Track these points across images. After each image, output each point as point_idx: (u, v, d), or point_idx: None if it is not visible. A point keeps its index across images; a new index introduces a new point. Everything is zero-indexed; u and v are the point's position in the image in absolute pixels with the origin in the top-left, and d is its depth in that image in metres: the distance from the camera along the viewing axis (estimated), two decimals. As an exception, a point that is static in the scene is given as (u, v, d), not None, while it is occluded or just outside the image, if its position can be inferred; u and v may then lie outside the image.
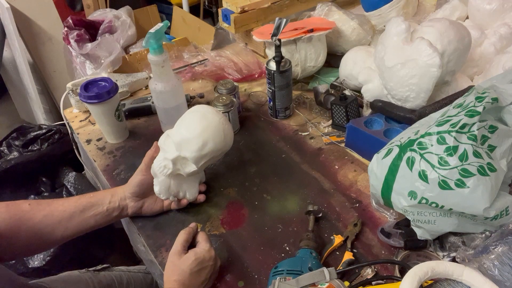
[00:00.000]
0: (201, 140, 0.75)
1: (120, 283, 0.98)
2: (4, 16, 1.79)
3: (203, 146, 0.76)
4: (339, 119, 0.98)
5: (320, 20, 1.13)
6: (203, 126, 0.76)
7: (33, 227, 0.70)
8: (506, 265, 0.53)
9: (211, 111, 0.79)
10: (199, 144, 0.75)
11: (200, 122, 0.77)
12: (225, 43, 1.38)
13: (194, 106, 0.82)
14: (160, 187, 0.77)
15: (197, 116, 0.78)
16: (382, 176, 0.68)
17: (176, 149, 0.76)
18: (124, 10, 1.84)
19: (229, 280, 0.70)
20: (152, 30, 0.86)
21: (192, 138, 0.75)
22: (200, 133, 0.76)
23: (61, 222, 0.72)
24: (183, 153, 0.75)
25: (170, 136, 0.78)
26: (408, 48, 0.82)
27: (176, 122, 0.80)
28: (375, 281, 0.65)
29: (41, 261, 1.28)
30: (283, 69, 0.95)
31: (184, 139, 0.76)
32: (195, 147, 0.75)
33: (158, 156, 0.78)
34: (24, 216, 0.70)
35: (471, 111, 0.63)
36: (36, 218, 0.71)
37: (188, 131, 0.76)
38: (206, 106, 0.81)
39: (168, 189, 0.78)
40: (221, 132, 0.78)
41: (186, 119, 0.79)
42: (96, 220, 0.75)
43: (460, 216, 0.63)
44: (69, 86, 1.08)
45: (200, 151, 0.76)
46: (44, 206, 0.73)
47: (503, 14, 0.98)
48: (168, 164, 0.76)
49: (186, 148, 0.75)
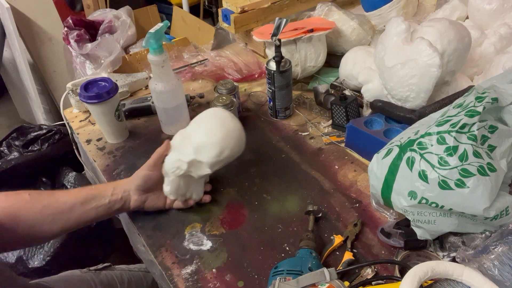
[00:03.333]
0: (220, 147, 0.76)
1: (121, 282, 0.98)
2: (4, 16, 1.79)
3: (221, 153, 0.76)
4: (339, 119, 0.98)
5: (320, 20, 1.13)
6: (223, 133, 0.77)
7: (33, 217, 0.70)
8: (506, 265, 0.53)
9: (231, 118, 0.80)
10: (218, 151, 0.76)
11: (220, 129, 0.77)
12: (225, 43, 1.38)
13: (212, 109, 0.82)
14: (171, 187, 0.78)
15: (217, 122, 0.79)
16: (382, 176, 0.68)
17: (194, 153, 0.76)
18: (124, 10, 1.84)
19: (229, 280, 0.70)
20: (152, 30, 0.86)
21: (212, 144, 0.76)
22: (220, 140, 0.76)
23: (61, 214, 0.72)
24: (200, 157, 0.76)
25: (188, 138, 0.78)
26: (408, 48, 0.82)
27: (193, 122, 0.81)
28: (375, 281, 0.65)
29: (41, 261, 1.28)
30: (283, 69, 0.95)
31: (203, 144, 0.76)
32: (214, 153, 0.76)
33: (171, 155, 0.78)
34: (24, 206, 0.70)
35: (471, 111, 0.63)
36: (36, 209, 0.70)
37: (208, 137, 0.77)
38: (225, 111, 0.82)
39: (177, 189, 0.78)
40: (239, 140, 0.79)
41: (206, 123, 0.79)
42: (97, 212, 0.75)
43: (460, 216, 0.63)
44: (69, 86, 1.08)
45: (217, 157, 0.76)
46: (44, 197, 0.72)
47: (503, 14, 0.98)
48: (183, 165, 0.76)
49: (204, 153, 0.76)
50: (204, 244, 0.76)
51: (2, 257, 1.30)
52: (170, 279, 0.71)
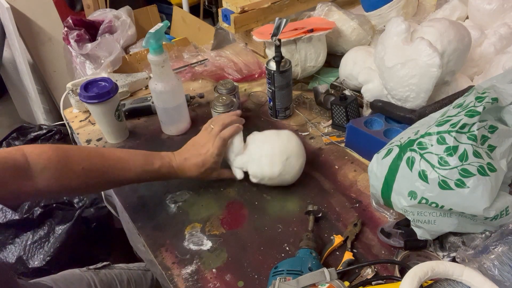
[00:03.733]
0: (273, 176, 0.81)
1: (121, 281, 0.98)
2: (4, 16, 1.79)
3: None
4: (339, 119, 0.98)
5: (320, 20, 1.13)
6: (281, 170, 0.81)
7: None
8: (506, 265, 0.53)
9: (301, 154, 0.84)
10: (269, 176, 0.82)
11: (283, 167, 0.81)
12: (225, 43, 1.38)
13: (289, 137, 0.84)
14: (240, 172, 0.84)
15: (284, 157, 0.81)
16: (382, 176, 0.68)
17: (247, 169, 0.82)
18: (124, 10, 1.84)
19: (229, 280, 0.70)
20: (152, 30, 0.86)
21: (268, 176, 0.81)
22: (277, 175, 0.81)
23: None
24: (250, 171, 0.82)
25: (252, 155, 0.82)
26: (408, 48, 0.82)
27: (264, 137, 0.84)
28: (375, 281, 0.65)
29: (41, 261, 1.28)
30: (283, 69, 0.95)
31: (262, 174, 0.81)
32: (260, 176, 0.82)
33: (243, 155, 0.82)
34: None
35: (471, 111, 0.63)
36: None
37: (269, 170, 0.80)
38: (298, 146, 0.84)
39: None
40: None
41: (275, 154, 0.81)
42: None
43: (460, 216, 0.63)
44: (69, 86, 1.08)
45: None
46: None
47: (503, 14, 0.98)
48: (244, 167, 0.83)
49: (255, 175, 0.82)
50: (204, 244, 0.76)
51: (2, 257, 1.30)
52: (170, 279, 0.71)
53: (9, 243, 1.32)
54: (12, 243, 1.32)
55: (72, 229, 1.32)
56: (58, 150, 0.69)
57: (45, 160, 0.66)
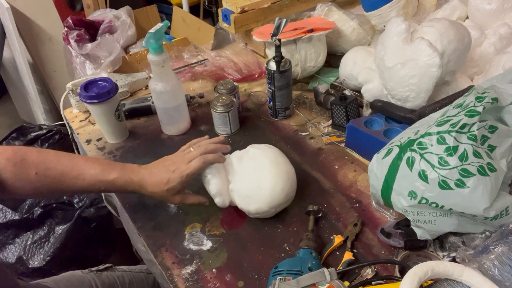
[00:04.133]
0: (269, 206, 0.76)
1: (123, 283, 0.98)
2: (4, 16, 1.79)
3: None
4: (339, 119, 0.98)
5: (320, 20, 1.13)
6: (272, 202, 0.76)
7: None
8: (506, 265, 0.53)
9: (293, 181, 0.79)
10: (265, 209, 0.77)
11: (273, 200, 0.76)
12: (225, 43, 1.38)
13: (285, 165, 0.79)
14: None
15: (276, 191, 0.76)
16: (382, 176, 0.68)
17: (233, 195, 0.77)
18: (124, 10, 1.84)
19: (229, 280, 0.70)
20: (152, 30, 0.86)
21: (259, 203, 0.76)
22: (267, 203, 0.76)
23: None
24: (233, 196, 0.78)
25: (236, 183, 0.77)
26: (408, 48, 0.82)
27: (256, 165, 0.77)
28: (375, 281, 0.65)
29: (41, 261, 1.28)
30: (283, 69, 0.95)
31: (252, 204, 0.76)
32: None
33: (219, 181, 0.76)
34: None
35: (471, 111, 0.63)
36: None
37: (261, 201, 0.76)
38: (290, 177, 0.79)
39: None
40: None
41: (267, 188, 0.75)
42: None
43: (460, 216, 0.63)
44: (69, 86, 1.08)
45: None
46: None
47: (503, 14, 0.98)
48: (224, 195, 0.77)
49: (241, 201, 0.77)
50: (204, 244, 0.76)
51: (2, 257, 1.30)
52: (170, 279, 0.71)
53: (9, 243, 1.32)
54: (12, 243, 1.32)
55: (72, 229, 1.32)
56: (17, 152, 0.68)
57: (4, 160, 0.66)
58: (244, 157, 0.79)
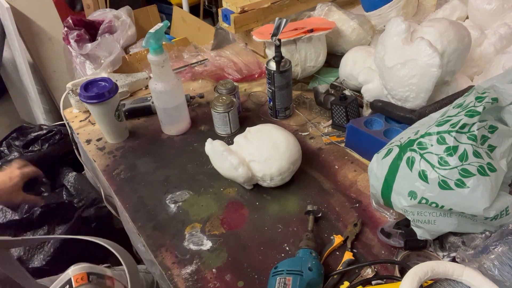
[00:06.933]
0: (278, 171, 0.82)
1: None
2: (4, 16, 1.79)
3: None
4: (339, 119, 0.98)
5: (320, 20, 1.13)
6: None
7: None
8: (506, 265, 0.53)
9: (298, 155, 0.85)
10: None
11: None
12: (225, 43, 1.38)
13: (285, 136, 0.85)
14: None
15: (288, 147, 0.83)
16: (382, 176, 0.68)
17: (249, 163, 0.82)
18: (124, 10, 1.84)
19: (229, 280, 0.70)
20: (152, 30, 0.86)
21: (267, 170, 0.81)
22: (287, 159, 0.82)
23: None
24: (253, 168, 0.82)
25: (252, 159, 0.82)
26: (408, 48, 0.82)
27: (265, 140, 0.83)
28: (375, 281, 0.65)
29: (41, 261, 1.28)
30: (283, 69, 0.95)
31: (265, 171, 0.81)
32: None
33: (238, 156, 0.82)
34: None
35: (471, 111, 0.63)
36: None
37: (281, 159, 0.81)
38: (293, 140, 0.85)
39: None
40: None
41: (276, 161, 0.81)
42: None
43: (460, 216, 0.63)
44: (69, 86, 1.08)
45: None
46: None
47: (503, 14, 0.98)
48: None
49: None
50: (204, 244, 0.76)
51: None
52: (170, 279, 0.71)
53: (9, 243, 1.32)
54: (12, 243, 1.32)
55: (72, 229, 1.32)
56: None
57: None
58: (248, 136, 0.85)
